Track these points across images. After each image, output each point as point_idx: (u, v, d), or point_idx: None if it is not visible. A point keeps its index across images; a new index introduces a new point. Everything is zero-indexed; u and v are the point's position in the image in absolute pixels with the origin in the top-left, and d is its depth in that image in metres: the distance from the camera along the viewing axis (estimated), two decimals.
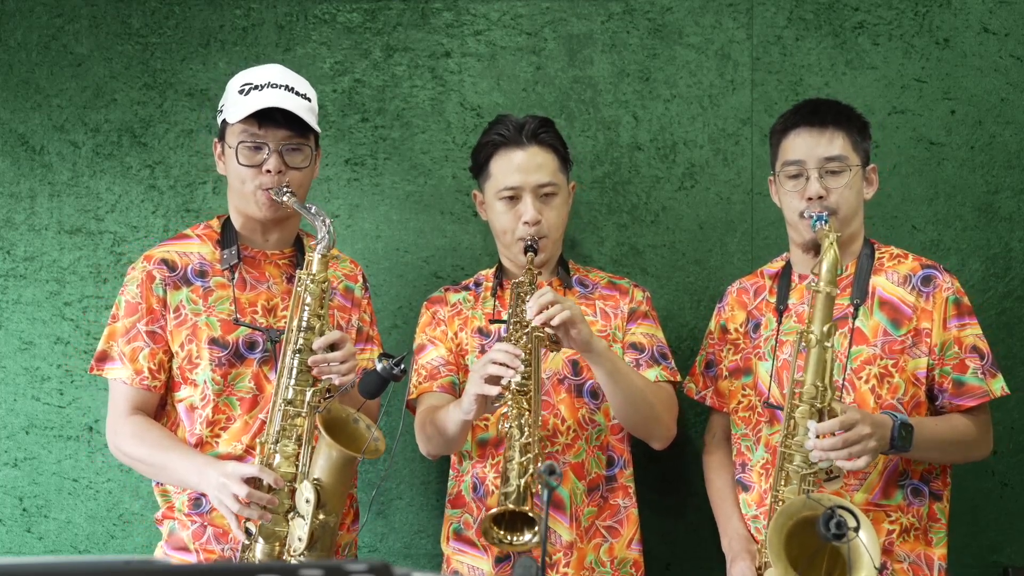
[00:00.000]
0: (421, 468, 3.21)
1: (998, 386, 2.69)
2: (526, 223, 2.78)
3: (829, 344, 2.49)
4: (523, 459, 2.47)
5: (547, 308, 2.56)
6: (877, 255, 2.76)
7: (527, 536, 2.47)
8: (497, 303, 2.87)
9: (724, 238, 3.24)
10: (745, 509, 2.77)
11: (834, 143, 2.68)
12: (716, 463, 2.88)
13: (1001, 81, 3.22)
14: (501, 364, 2.51)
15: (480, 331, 2.85)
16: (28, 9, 3.30)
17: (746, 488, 2.77)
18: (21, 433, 3.24)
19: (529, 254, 2.75)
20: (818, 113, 2.71)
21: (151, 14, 3.30)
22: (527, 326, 2.59)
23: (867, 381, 2.65)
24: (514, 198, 2.80)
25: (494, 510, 2.46)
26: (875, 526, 2.56)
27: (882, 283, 2.71)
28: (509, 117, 2.87)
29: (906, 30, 3.23)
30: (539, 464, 2.39)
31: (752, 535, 2.73)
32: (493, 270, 2.96)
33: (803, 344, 2.51)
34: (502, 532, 2.48)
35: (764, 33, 3.25)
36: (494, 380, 2.52)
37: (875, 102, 3.20)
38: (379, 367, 2.52)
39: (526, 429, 2.49)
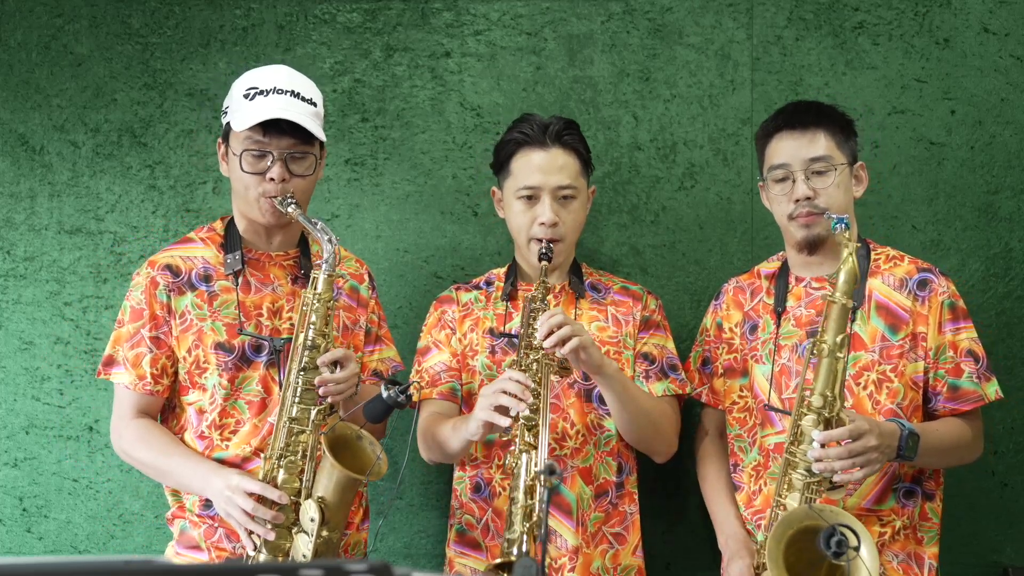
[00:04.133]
0: (422, 468, 3.20)
1: (992, 390, 2.69)
2: (543, 224, 2.75)
3: (841, 355, 2.46)
4: (527, 503, 2.46)
5: (557, 329, 2.56)
6: (873, 256, 2.75)
7: None
8: (509, 305, 2.84)
9: (724, 238, 3.23)
10: None
11: (817, 143, 2.67)
12: (710, 459, 2.87)
13: (1001, 81, 3.22)
14: (512, 395, 2.51)
15: (491, 331, 2.83)
16: (28, 9, 3.30)
17: (736, 488, 2.79)
18: (21, 433, 3.24)
19: (543, 263, 2.72)
20: (798, 115, 2.72)
21: (151, 14, 3.30)
22: (537, 349, 2.58)
23: (865, 387, 2.64)
24: (532, 198, 2.77)
25: (498, 560, 2.41)
26: (866, 530, 2.56)
27: (878, 286, 2.70)
28: (534, 116, 2.84)
29: (906, 30, 3.23)
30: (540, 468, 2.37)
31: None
32: (505, 269, 2.94)
33: (814, 353, 2.49)
34: None
35: (764, 33, 3.25)
36: (503, 410, 2.53)
37: (875, 102, 3.20)
38: (385, 394, 2.52)
39: (531, 469, 2.48)
